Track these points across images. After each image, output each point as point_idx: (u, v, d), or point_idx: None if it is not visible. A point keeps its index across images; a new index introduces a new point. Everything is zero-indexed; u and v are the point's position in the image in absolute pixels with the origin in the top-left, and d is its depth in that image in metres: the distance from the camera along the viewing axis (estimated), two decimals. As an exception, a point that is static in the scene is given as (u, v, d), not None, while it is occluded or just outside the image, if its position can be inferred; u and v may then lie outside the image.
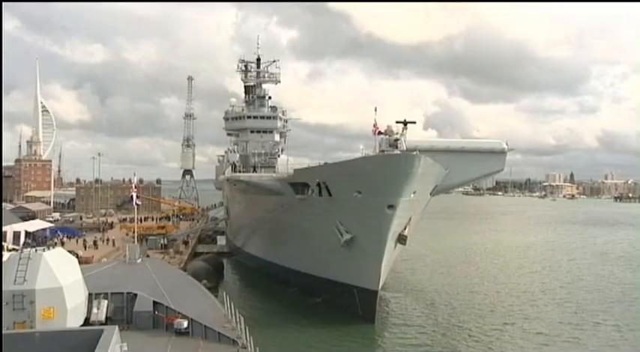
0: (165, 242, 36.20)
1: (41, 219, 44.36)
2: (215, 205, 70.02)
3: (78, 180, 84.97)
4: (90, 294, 10.53)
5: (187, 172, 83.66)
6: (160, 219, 50.75)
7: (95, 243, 33.62)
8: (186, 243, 38.71)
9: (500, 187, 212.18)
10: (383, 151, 20.05)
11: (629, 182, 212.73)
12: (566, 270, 32.49)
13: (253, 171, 36.58)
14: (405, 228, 21.45)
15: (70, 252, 14.00)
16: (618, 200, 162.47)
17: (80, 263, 11.11)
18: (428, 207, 25.13)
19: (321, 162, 24.66)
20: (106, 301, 11.00)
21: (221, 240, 46.76)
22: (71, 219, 50.46)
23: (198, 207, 74.00)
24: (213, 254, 36.81)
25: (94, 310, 10.48)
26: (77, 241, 34.68)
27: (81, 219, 51.55)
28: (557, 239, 50.38)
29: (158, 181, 74.72)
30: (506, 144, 26.45)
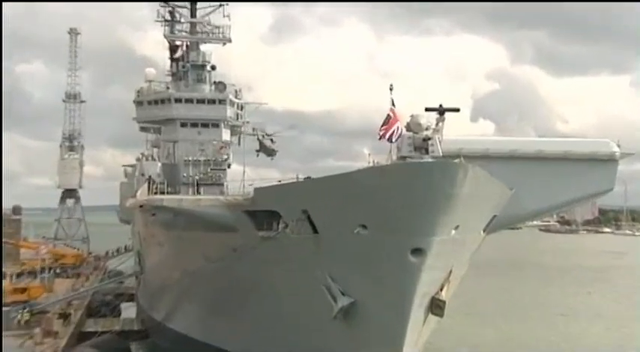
0: (28, 316, 35.52)
1: None
2: (118, 250, 69.33)
3: None
4: None
5: (70, 194, 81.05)
6: (19, 276, 47.95)
7: None
8: (65, 316, 37.95)
9: (608, 219, 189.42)
10: (404, 158, 20.30)
11: None
12: None
13: (187, 192, 36.86)
14: (441, 289, 21.65)
15: None
16: None
17: None
18: (480, 252, 25.44)
19: (300, 177, 24.65)
20: None
21: (128, 311, 46.85)
22: None
23: (89, 253, 72.92)
24: (113, 334, 36.98)
25: None
26: None
27: None
28: None
29: (16, 210, 63.97)
30: (618, 145, 25.65)
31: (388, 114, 21.01)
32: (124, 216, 53.70)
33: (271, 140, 41.54)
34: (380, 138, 20.78)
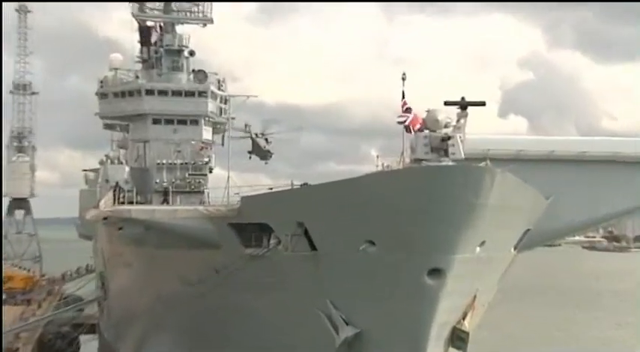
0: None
1: None
2: (77, 271, 69.62)
3: None
4: None
5: (19, 204, 79.81)
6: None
7: None
8: (12, 353, 38.52)
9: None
10: (419, 161, 20.70)
11: None
12: None
13: (160, 202, 37.50)
14: (463, 317, 22.20)
15: None
16: None
17: None
18: (510, 274, 26.14)
19: (295, 184, 25.26)
20: None
21: (89, 345, 47.74)
22: None
23: (42, 275, 73.03)
24: (70, 374, 37.18)
25: None
26: None
27: None
28: None
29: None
30: None
31: (403, 104, 21.68)
32: (85, 230, 53.87)
33: (266, 140, 41.82)
34: (400, 123, 21.33)
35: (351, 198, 20.80)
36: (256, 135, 41.48)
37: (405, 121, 21.70)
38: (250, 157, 42.39)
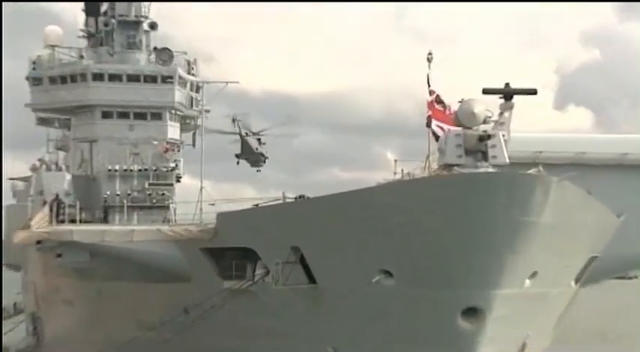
0: None
1: None
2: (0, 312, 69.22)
3: None
4: None
5: None
6: None
7: None
8: None
9: None
10: (449, 167, 20.93)
11: None
12: None
13: (112, 220, 37.87)
14: None
15: None
16: None
17: None
18: (572, 315, 26.38)
19: (289, 196, 25.58)
20: None
21: None
22: None
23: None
24: None
25: None
26: None
27: None
28: None
29: None
30: None
31: (431, 93, 22.18)
32: (11, 258, 53.45)
33: (259, 140, 41.54)
34: (429, 122, 21.79)
35: (362, 215, 20.91)
36: (246, 133, 41.43)
37: (432, 119, 22.01)
38: (238, 162, 42.37)
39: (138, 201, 39.15)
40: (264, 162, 42.50)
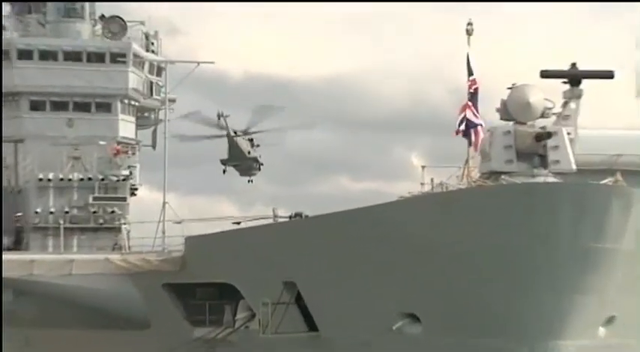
0: None
1: None
2: None
3: None
4: None
5: None
6: None
7: None
8: None
9: None
10: (496, 175, 21.01)
11: None
12: None
13: (45, 246, 37.41)
14: None
15: None
16: None
17: None
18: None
19: (281, 214, 25.50)
20: None
21: None
22: None
23: None
24: None
25: None
26: None
27: None
28: None
29: None
30: None
31: (469, 77, 22.24)
32: None
33: (251, 141, 40.85)
34: (457, 133, 21.45)
35: (379, 239, 21.01)
36: (235, 133, 40.67)
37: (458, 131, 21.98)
38: (225, 170, 41.75)
39: (79, 221, 38.58)
40: (259, 169, 41.92)
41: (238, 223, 25.49)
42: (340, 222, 21.85)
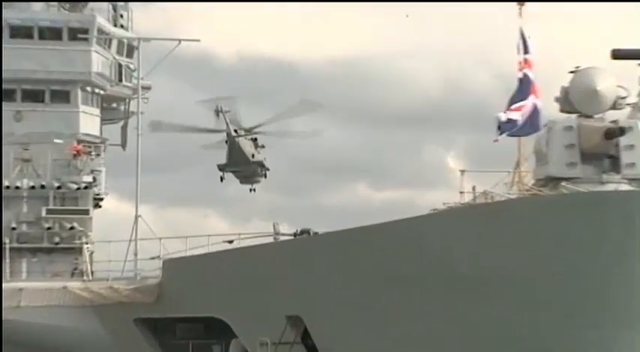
0: None
1: None
2: None
3: None
4: None
5: None
6: None
7: None
8: None
9: None
10: (556, 182, 21.00)
11: None
12: None
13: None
14: None
15: None
16: None
17: None
18: None
19: (284, 232, 25.66)
20: None
21: None
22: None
23: None
24: None
25: None
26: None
27: None
28: None
29: None
30: None
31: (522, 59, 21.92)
32: None
33: (254, 141, 40.59)
34: (500, 133, 21.42)
35: (406, 263, 21.08)
36: (236, 132, 40.26)
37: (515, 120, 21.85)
38: (223, 178, 41.41)
39: (29, 240, 38.67)
40: (264, 176, 41.56)
41: (230, 242, 25.31)
42: (358, 241, 21.88)
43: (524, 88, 21.48)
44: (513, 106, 21.12)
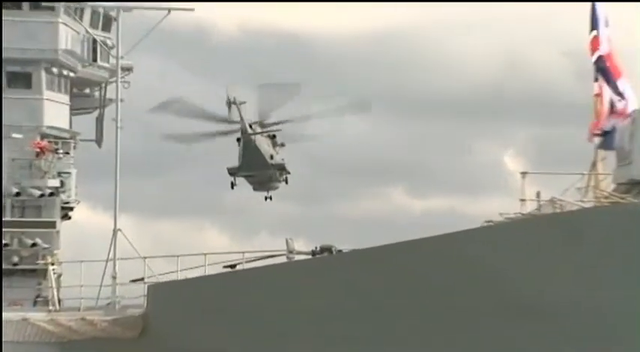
0: None
1: None
2: None
3: None
4: None
5: None
6: None
7: None
8: None
9: None
10: (639, 188, 20.95)
11: None
12: None
13: None
14: None
15: None
16: None
17: None
18: None
19: (298, 250, 25.59)
20: None
21: None
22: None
23: None
24: None
25: None
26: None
27: None
28: None
29: None
30: None
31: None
32: None
33: (273, 138, 40.41)
34: (593, 136, 21.80)
35: (453, 285, 21.20)
36: (251, 127, 40.05)
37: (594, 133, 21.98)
38: (234, 183, 41.29)
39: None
40: (286, 181, 41.26)
41: (233, 267, 25.16)
42: (392, 260, 21.95)
43: (604, 73, 21.55)
44: (618, 106, 21.23)
